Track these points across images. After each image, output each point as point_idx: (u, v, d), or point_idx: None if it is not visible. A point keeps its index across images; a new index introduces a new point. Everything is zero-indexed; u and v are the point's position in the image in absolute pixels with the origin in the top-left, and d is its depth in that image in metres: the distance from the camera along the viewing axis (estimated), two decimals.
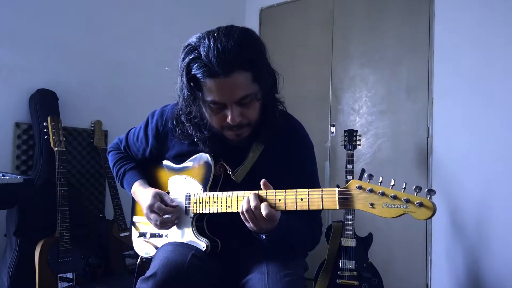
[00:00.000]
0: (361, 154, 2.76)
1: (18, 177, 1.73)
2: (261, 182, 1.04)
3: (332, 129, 2.95)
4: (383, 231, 2.56)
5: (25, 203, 1.99)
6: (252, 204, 1.02)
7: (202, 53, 1.02)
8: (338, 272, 2.23)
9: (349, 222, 2.24)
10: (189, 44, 1.07)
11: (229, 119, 1.07)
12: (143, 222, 1.37)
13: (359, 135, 2.39)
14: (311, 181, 1.23)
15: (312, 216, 1.20)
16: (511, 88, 2.27)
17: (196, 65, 1.04)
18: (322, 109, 2.99)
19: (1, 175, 1.71)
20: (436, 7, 2.56)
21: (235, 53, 1.01)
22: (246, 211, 1.03)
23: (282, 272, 1.07)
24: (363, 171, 2.35)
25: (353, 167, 2.30)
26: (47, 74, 2.36)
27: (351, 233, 2.24)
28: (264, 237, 1.08)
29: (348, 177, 2.28)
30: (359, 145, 2.38)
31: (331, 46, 3.00)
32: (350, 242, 2.24)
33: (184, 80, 1.07)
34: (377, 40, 2.80)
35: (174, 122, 1.23)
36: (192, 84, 1.06)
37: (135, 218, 1.42)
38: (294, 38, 3.14)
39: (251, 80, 1.05)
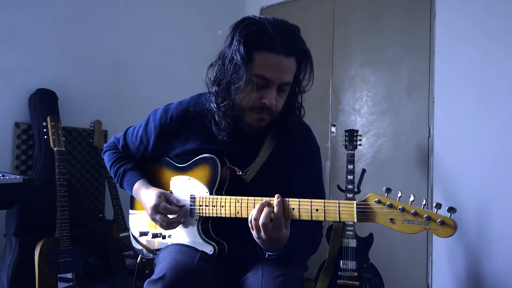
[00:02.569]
0: (362, 154, 2.75)
1: (18, 177, 1.74)
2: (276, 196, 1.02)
3: (333, 129, 2.94)
4: (383, 231, 2.53)
5: (25, 203, 1.99)
6: (262, 220, 1.00)
7: (268, 26, 1.04)
8: (339, 273, 2.22)
9: (350, 222, 2.23)
10: (249, 18, 1.08)
11: (267, 100, 1.07)
12: (143, 220, 1.35)
13: (360, 135, 2.38)
14: (316, 184, 1.24)
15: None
16: None
17: (258, 36, 1.05)
18: (323, 109, 2.99)
19: (1, 175, 1.71)
20: (437, 7, 2.55)
21: (299, 41, 1.09)
22: (255, 219, 1.01)
23: (276, 272, 1.06)
24: (363, 171, 2.34)
25: (353, 167, 2.29)
26: (47, 74, 2.36)
27: (351, 233, 2.23)
28: (267, 255, 1.07)
29: (348, 177, 2.27)
30: (360, 145, 2.37)
31: (331, 45, 2.99)
32: (351, 243, 2.23)
33: (241, 48, 1.04)
34: (378, 40, 2.79)
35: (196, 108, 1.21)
36: (245, 53, 1.04)
37: (133, 216, 1.40)
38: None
39: (295, 72, 1.11)
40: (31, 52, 2.31)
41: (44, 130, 2.15)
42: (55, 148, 2.12)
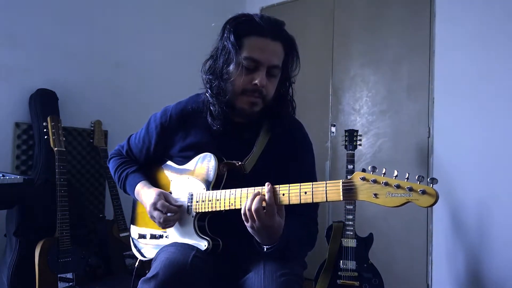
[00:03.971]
0: (362, 154, 2.76)
1: (18, 177, 1.73)
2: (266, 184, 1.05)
3: (333, 129, 2.94)
4: (383, 231, 2.55)
5: (25, 203, 1.99)
6: (254, 206, 1.02)
7: (255, 17, 1.16)
8: (339, 273, 2.22)
9: (350, 223, 2.23)
10: (239, 13, 1.19)
11: (257, 80, 1.13)
12: (143, 225, 1.36)
13: (360, 135, 2.38)
14: (310, 178, 1.25)
15: (307, 214, 1.21)
16: None
17: (246, 24, 1.15)
18: (323, 109, 2.99)
19: (1, 175, 1.71)
20: (437, 7, 2.55)
21: (284, 31, 1.18)
22: (248, 209, 1.03)
23: (278, 271, 1.07)
24: (363, 171, 2.34)
25: (353, 167, 2.29)
26: (47, 74, 2.36)
27: (351, 233, 2.23)
28: (265, 249, 1.08)
29: (348, 177, 2.27)
30: (360, 145, 2.37)
31: (331, 45, 2.99)
32: (351, 243, 2.23)
33: (231, 36, 1.14)
34: (378, 40, 2.79)
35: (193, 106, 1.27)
36: (235, 40, 1.13)
37: (134, 225, 1.42)
38: (294, 37, 3.13)
39: (282, 59, 1.18)
40: (31, 52, 2.31)
41: (44, 130, 2.15)
42: (55, 148, 2.12)
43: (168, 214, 1.18)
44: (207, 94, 1.21)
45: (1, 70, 2.21)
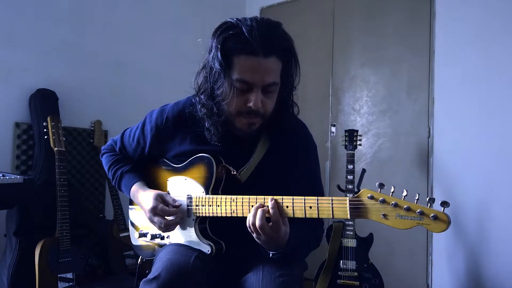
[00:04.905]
0: (362, 154, 2.76)
1: (18, 177, 1.73)
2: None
3: (333, 129, 2.94)
4: (383, 231, 2.55)
5: (25, 203, 1.99)
6: (258, 223, 1.00)
7: (244, 30, 1.02)
8: (339, 273, 2.22)
9: (350, 223, 2.23)
10: (227, 22, 1.07)
11: (251, 103, 1.05)
12: (143, 222, 1.35)
13: (360, 135, 2.38)
14: (313, 181, 1.24)
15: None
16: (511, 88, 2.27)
17: (234, 40, 1.03)
18: (323, 109, 2.99)
19: (1, 175, 1.71)
20: (436, 7, 2.55)
21: (278, 39, 1.06)
22: (252, 224, 1.01)
23: (277, 272, 1.06)
24: (363, 171, 2.34)
25: (353, 167, 2.29)
26: (47, 74, 2.36)
27: (351, 233, 2.23)
28: (271, 255, 1.07)
29: (348, 177, 2.27)
30: (360, 145, 2.38)
31: (331, 45, 2.99)
32: (351, 242, 2.23)
33: (218, 54, 1.04)
34: (378, 40, 2.79)
35: (189, 109, 1.20)
36: (223, 59, 1.04)
37: (133, 218, 1.41)
38: (294, 37, 3.09)
39: (280, 71, 1.08)
40: (31, 52, 2.31)
41: (44, 130, 2.15)
42: (55, 148, 2.12)
43: (169, 218, 1.16)
44: (200, 114, 1.15)
45: (1, 70, 2.21)
